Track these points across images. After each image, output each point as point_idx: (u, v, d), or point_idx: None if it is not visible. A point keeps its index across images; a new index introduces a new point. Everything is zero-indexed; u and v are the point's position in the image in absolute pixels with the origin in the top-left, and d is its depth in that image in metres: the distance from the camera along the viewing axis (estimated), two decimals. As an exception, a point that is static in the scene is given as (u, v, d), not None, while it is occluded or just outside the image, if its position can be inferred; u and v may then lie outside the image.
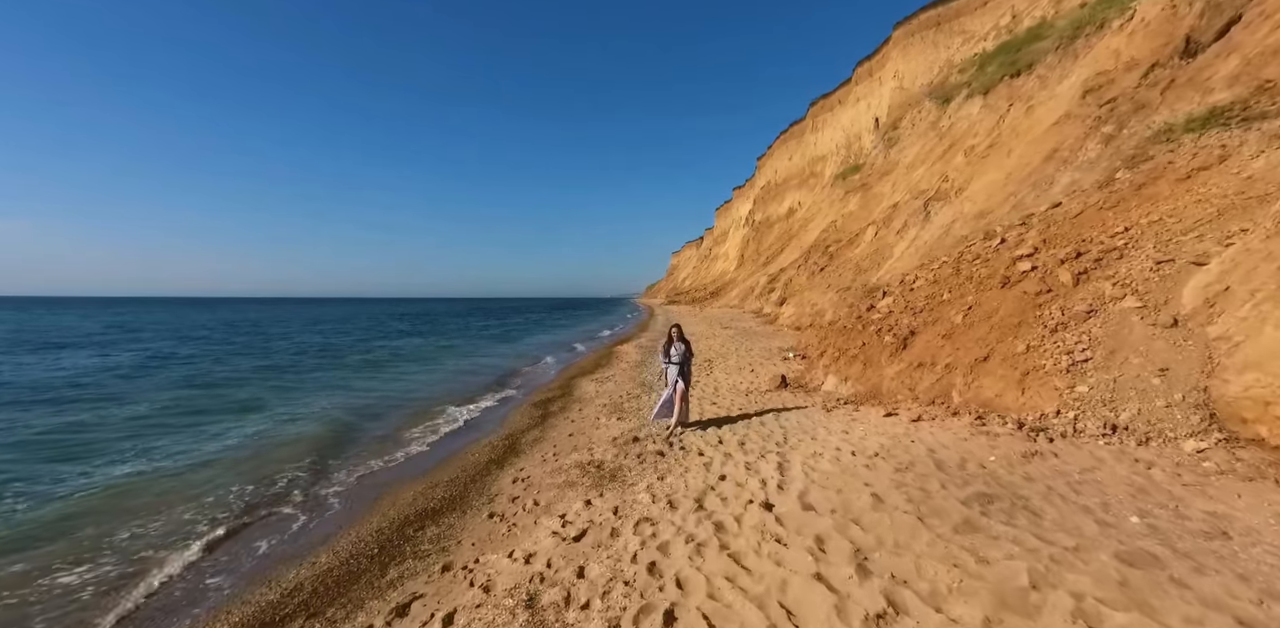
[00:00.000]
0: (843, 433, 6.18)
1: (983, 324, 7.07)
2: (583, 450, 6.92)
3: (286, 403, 12.30)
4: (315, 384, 15.02)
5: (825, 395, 8.64)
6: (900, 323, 8.55)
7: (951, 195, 17.62)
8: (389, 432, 9.53)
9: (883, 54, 56.04)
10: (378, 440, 8.98)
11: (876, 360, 8.33)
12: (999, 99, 21.49)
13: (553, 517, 4.74)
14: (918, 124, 31.32)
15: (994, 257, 8.39)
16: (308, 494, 6.59)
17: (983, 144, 18.16)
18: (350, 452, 8.33)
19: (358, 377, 16.58)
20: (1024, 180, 13.65)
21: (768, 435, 6.53)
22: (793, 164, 78.64)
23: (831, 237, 33.52)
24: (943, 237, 16.35)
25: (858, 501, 3.93)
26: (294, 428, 9.94)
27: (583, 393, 11.96)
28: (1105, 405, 4.92)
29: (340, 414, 10.96)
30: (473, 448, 7.95)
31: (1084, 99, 13.29)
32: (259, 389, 14.11)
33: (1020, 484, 3.98)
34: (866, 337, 8.99)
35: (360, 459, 7.91)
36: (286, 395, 13.24)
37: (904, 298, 9.38)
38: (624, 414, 9.00)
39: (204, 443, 8.98)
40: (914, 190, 24.89)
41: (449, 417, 10.61)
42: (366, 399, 12.78)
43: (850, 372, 8.70)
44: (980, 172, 16.89)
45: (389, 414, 11.02)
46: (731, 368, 12.60)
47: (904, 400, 7.20)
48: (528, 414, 10.05)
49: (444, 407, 11.64)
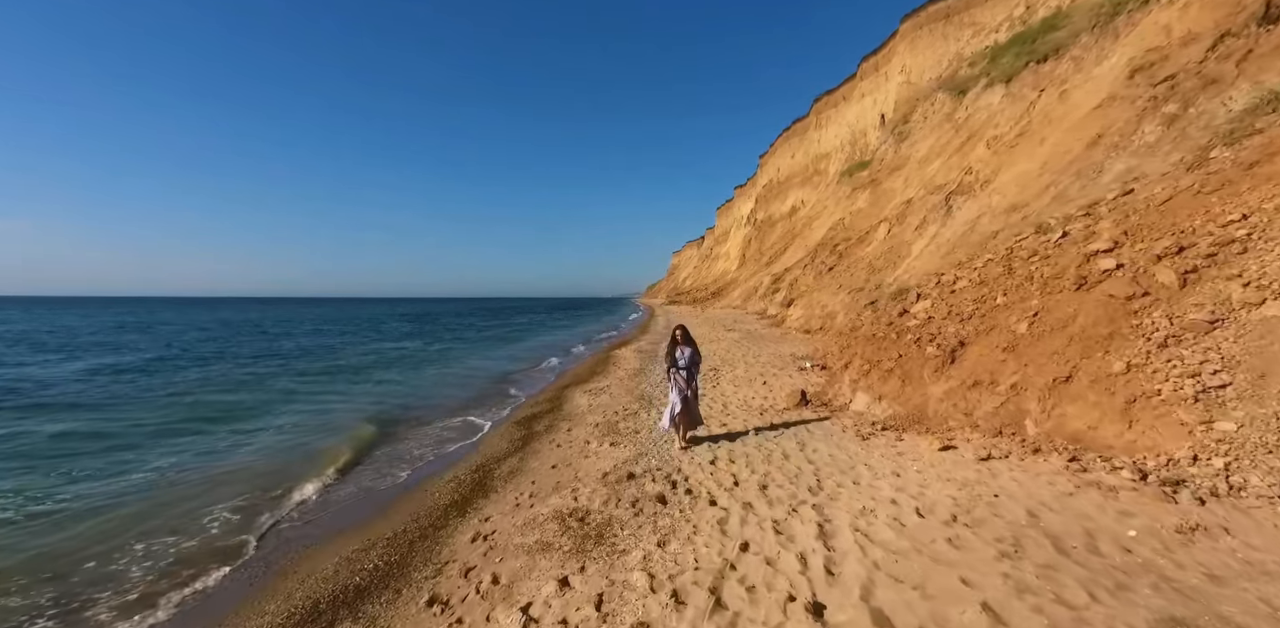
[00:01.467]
0: (893, 476, 4.86)
1: (1056, 335, 5.74)
2: (565, 492, 5.60)
3: (254, 417, 11.00)
4: (288, 395, 13.71)
5: (856, 417, 7.31)
6: (945, 332, 7.22)
7: (976, 188, 16.28)
8: (346, 458, 8.21)
9: (889, 48, 54.68)
10: (330, 470, 7.67)
11: (917, 376, 7.00)
12: (1023, 87, 20.14)
13: (512, 609, 3.42)
14: (930, 117, 29.97)
15: (1057, 253, 7.05)
16: (196, 568, 4.87)
17: (1010, 133, 16.81)
18: (291, 485, 6.98)
19: (337, 385, 15.28)
20: (1064, 169, 12.31)
21: (795, 475, 5.21)
22: (796, 162, 77.32)
23: (839, 235, 32.19)
24: (968, 233, 15.02)
25: (960, 616, 2.61)
26: (242, 454, 8.63)
27: (574, 407, 10.65)
28: (1271, 451, 3.59)
29: (299, 436, 9.67)
30: (434, 484, 6.62)
31: (1132, 79, 11.95)
32: (224, 402, 12.81)
33: (1209, 592, 2.63)
34: (902, 347, 7.66)
35: (298, 497, 6.59)
36: (255, 410, 11.92)
37: (945, 301, 8.05)
38: (618, 437, 7.68)
39: (110, 480, 7.37)
40: (929, 185, 23.56)
41: (420, 438, 9.31)
42: (339, 413, 11.47)
43: (885, 389, 7.37)
44: (1009, 162, 15.55)
45: (355, 433, 9.72)
46: (741, 379, 11.27)
47: (958, 428, 5.88)
48: (508, 435, 8.73)
49: (419, 423, 10.35)
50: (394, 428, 10.01)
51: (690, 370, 6.66)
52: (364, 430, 9.79)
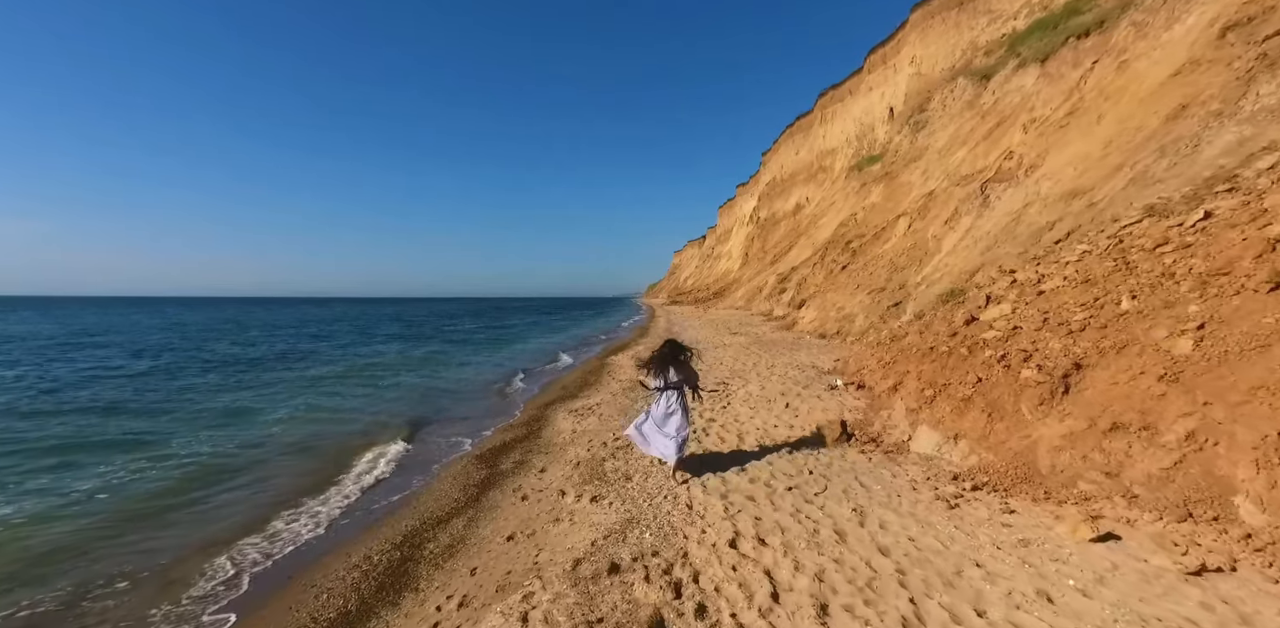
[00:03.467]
0: (1042, 600, 2.93)
1: (1252, 358, 3.82)
2: (514, 596, 3.68)
3: (167, 441, 9.09)
4: (234, 410, 11.78)
5: (925, 463, 5.38)
6: (1046, 348, 5.30)
7: (1019, 175, 14.34)
8: (240, 512, 6.25)
9: (898, 39, 52.73)
10: (206, 536, 5.69)
11: (1011, 410, 5.08)
12: (1062, 65, 18.19)
13: None
14: (949, 105, 28.03)
15: (1208, 241, 5.13)
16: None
17: (1056, 114, 14.87)
18: (131, 567, 5.01)
19: (295, 397, 13.35)
20: (1139, 147, 10.38)
21: (869, 582, 3.28)
22: (800, 158, 75.46)
23: (852, 231, 30.25)
24: (1012, 224, 13.09)
25: None
26: (121, 498, 6.72)
27: (554, 434, 8.73)
28: None
29: (203, 472, 7.71)
30: (331, 568, 4.67)
31: (1223, 39, 10.01)
32: (154, 418, 10.90)
33: None
34: (980, 367, 5.74)
35: (128, 593, 4.61)
36: (175, 434, 10.00)
37: (1033, 307, 6.12)
38: (604, 486, 5.76)
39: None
40: (954, 175, 21.62)
41: (354, 478, 7.38)
42: (276, 437, 9.56)
43: (962, 425, 5.44)
44: (1058, 144, 13.61)
45: (280, 468, 7.81)
46: (756, 398, 9.34)
47: (1102, 497, 3.95)
48: (463, 478, 6.80)
49: (362, 453, 8.43)
50: (317, 465, 8.00)
51: (681, 390, 5.64)
52: (293, 464, 7.88)
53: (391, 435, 9.37)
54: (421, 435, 9.58)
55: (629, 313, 69.11)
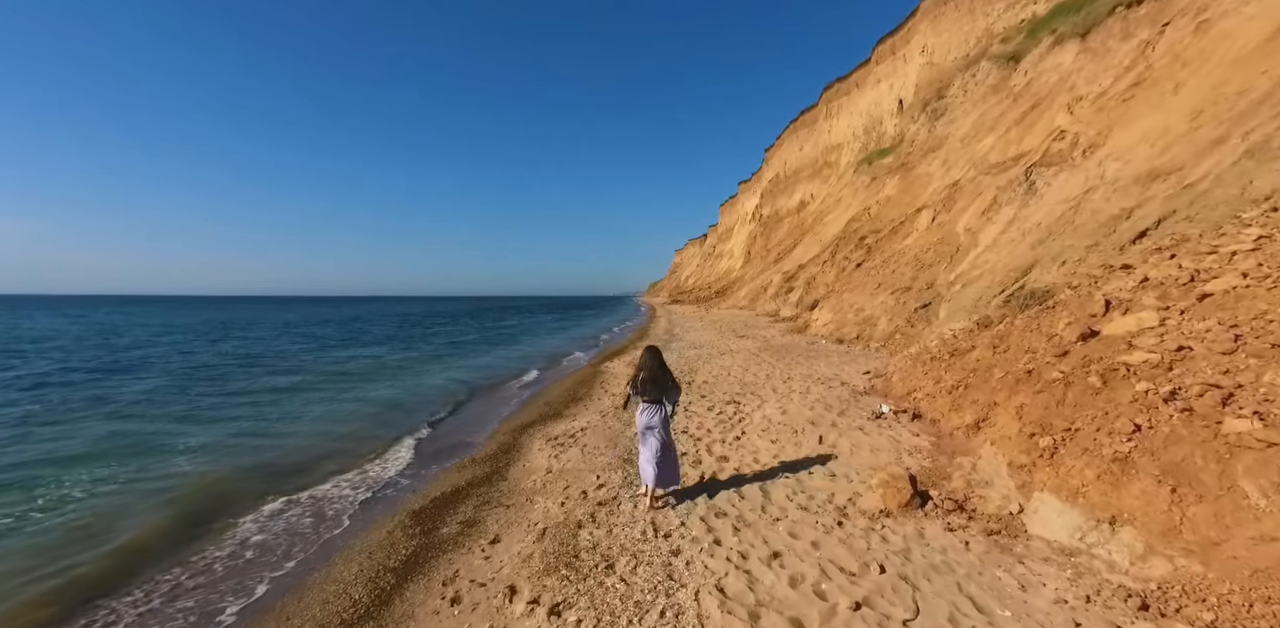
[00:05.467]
0: None
1: None
2: None
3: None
4: (140, 439, 9.86)
5: (1068, 565, 3.47)
6: (1257, 383, 3.39)
7: (1075, 157, 12.41)
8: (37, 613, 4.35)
9: (908, 28, 50.78)
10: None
11: (1218, 486, 3.17)
12: (1109, 38, 16.24)
13: None
14: (972, 90, 26.06)
15: None
16: None
17: (1116, 87, 12.93)
18: None
19: (229, 417, 11.45)
20: (1244, 114, 8.46)
21: None
22: (804, 154, 73.56)
23: (865, 227, 28.32)
24: (1070, 214, 11.16)
25: None
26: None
27: (522, 475, 6.83)
28: None
29: (58, 535, 5.82)
30: None
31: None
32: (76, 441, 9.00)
33: None
34: (1131, 408, 3.83)
35: None
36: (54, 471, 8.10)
37: (1201, 317, 4.20)
38: (572, 584, 3.86)
39: None
40: (981, 164, 19.69)
41: (236, 538, 5.47)
42: (170, 480, 7.64)
43: (1123, 501, 3.52)
44: (1122, 121, 11.68)
45: (127, 531, 5.87)
46: (779, 427, 7.41)
47: None
48: (380, 555, 4.87)
49: (259, 504, 6.50)
50: (183, 528, 5.95)
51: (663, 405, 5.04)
52: (155, 520, 5.97)
53: (311, 476, 7.47)
54: (352, 474, 7.66)
55: (629, 313, 67.18)
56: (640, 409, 5.03)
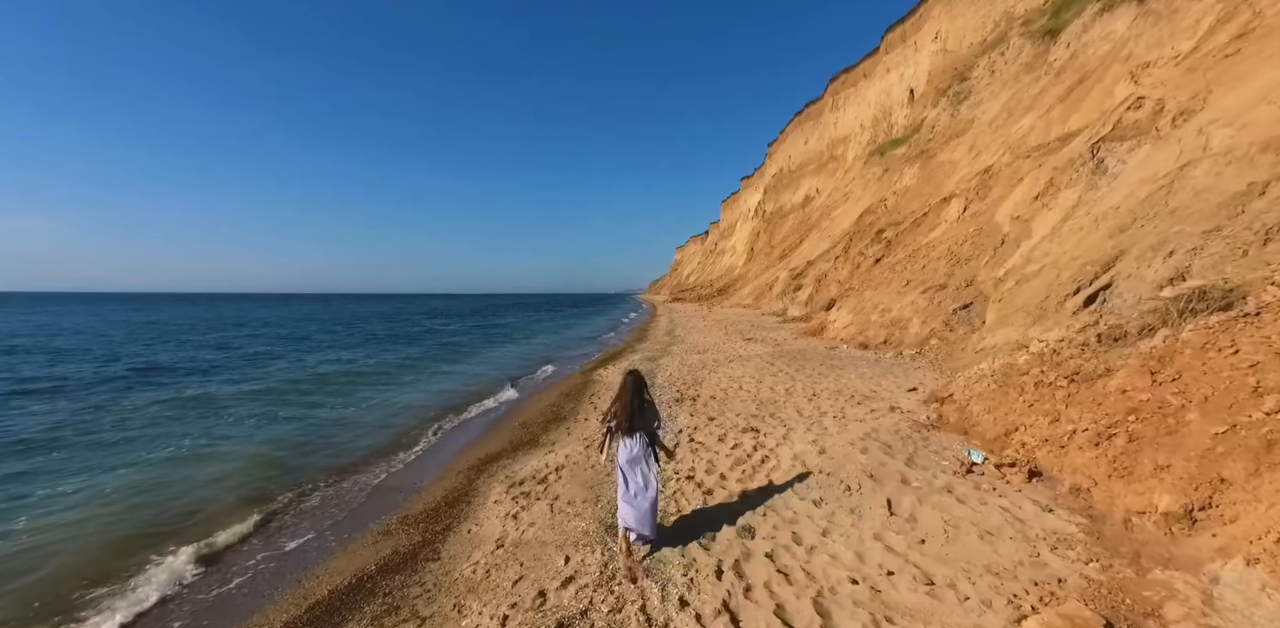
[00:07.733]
0: None
1: None
2: None
3: None
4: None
5: None
6: None
7: (1159, 127, 10.31)
8: None
9: (920, 14, 48.52)
10: None
11: None
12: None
13: None
14: (1001, 71, 23.92)
15: None
16: None
17: (1213, 41, 10.80)
18: None
19: (118, 454, 9.42)
20: None
21: None
22: (809, 148, 71.38)
23: (882, 219, 26.21)
24: (1162, 194, 9.07)
25: None
26: None
27: (461, 550, 4.79)
28: None
29: None
30: None
31: None
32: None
33: None
34: None
35: None
36: None
37: None
38: None
39: None
40: (1018, 147, 17.58)
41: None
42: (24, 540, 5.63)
43: None
44: (1224, 80, 9.56)
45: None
46: (818, 475, 5.35)
47: None
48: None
49: (126, 581, 4.51)
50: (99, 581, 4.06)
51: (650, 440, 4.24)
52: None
53: (244, 515, 5.45)
54: (243, 544, 5.61)
55: (628, 311, 65.04)
56: (620, 444, 4.29)
